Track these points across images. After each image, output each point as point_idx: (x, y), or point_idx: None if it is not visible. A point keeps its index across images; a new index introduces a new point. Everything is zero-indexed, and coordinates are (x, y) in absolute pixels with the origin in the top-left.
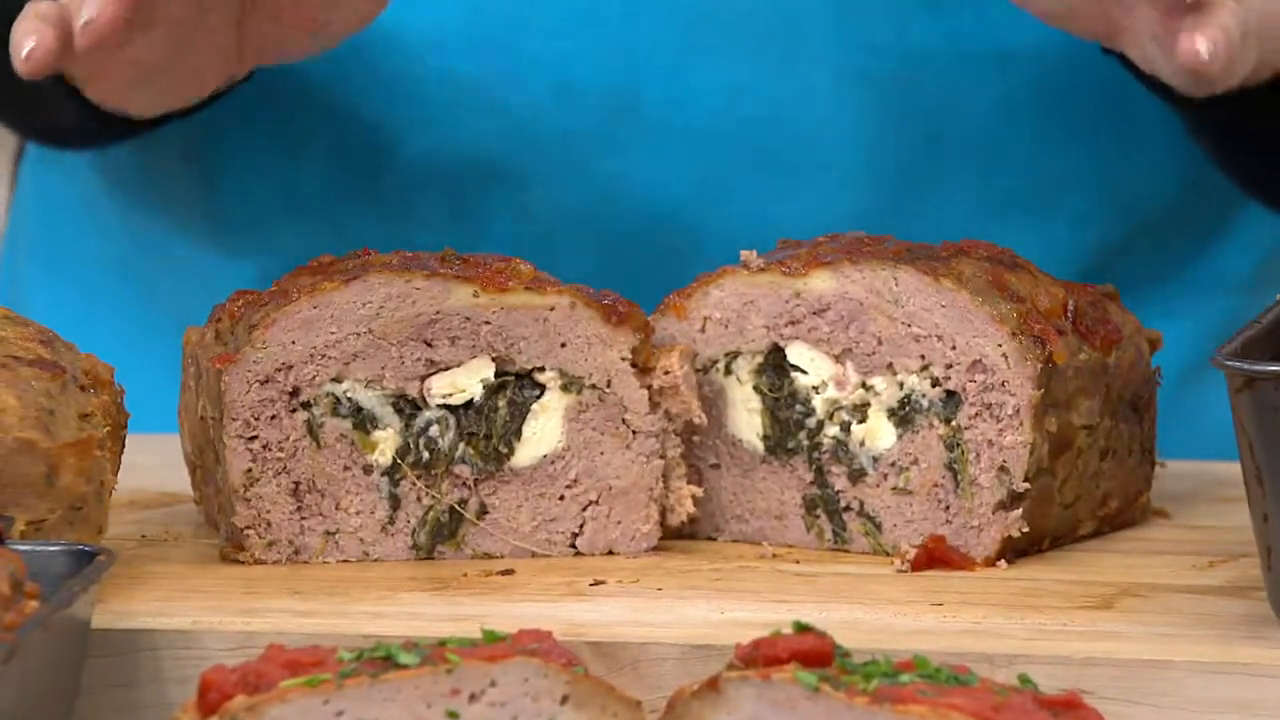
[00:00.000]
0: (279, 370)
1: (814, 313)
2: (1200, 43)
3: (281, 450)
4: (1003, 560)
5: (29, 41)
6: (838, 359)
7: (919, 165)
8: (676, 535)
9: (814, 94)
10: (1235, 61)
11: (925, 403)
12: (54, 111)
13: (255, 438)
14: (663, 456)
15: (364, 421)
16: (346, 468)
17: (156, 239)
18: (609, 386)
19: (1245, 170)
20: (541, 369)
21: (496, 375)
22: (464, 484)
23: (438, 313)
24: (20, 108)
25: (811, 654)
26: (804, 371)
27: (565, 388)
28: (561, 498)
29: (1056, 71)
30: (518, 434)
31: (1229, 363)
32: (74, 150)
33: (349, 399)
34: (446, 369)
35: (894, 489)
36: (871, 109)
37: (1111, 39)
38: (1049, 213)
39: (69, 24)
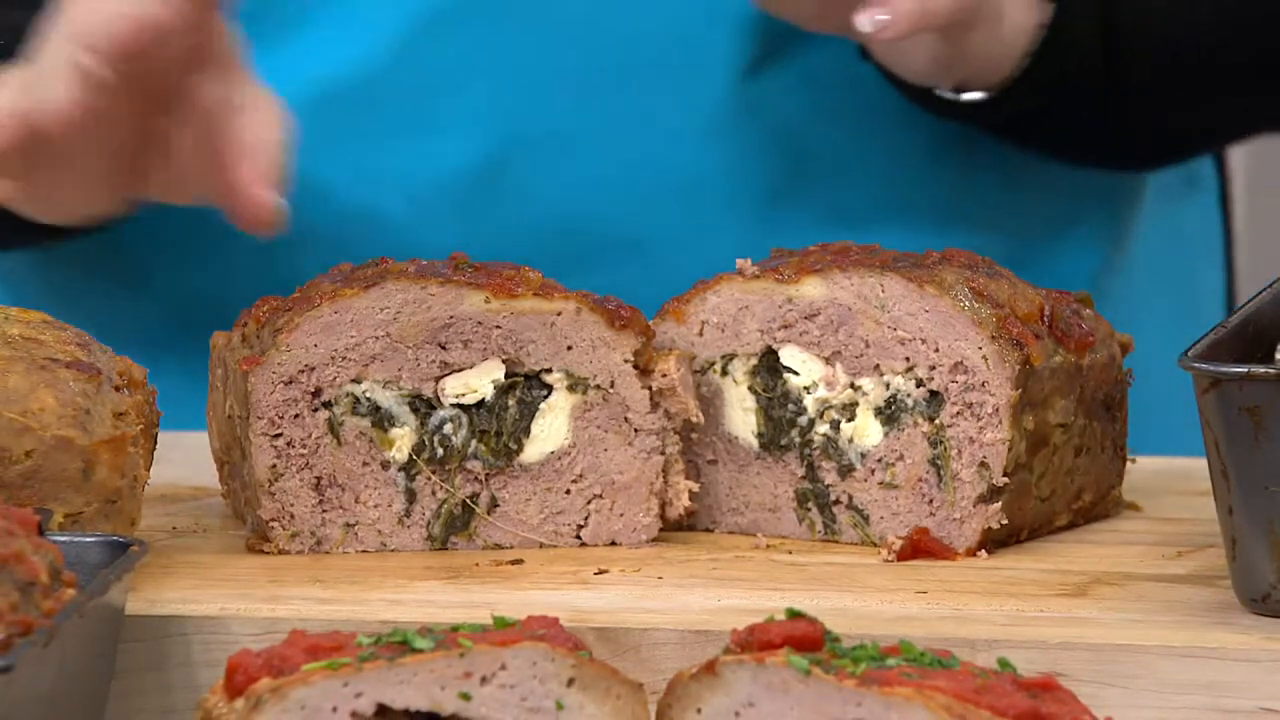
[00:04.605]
0: (302, 372)
1: (805, 317)
2: (867, 17)
3: (304, 447)
4: (983, 550)
5: None
6: (828, 361)
7: (783, 186)
8: (676, 527)
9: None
10: (917, 27)
11: (910, 402)
12: None
13: (279, 435)
14: (662, 453)
15: (382, 420)
16: (365, 463)
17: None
18: (612, 387)
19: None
20: (549, 370)
21: (506, 376)
22: (476, 479)
23: (451, 317)
24: None
25: (803, 639)
26: (796, 373)
27: (571, 388)
28: (568, 492)
29: (898, 102)
30: (526, 432)
31: (1196, 364)
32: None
33: (368, 399)
34: (459, 370)
35: (881, 483)
36: (740, 141)
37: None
38: (894, 226)
39: None
